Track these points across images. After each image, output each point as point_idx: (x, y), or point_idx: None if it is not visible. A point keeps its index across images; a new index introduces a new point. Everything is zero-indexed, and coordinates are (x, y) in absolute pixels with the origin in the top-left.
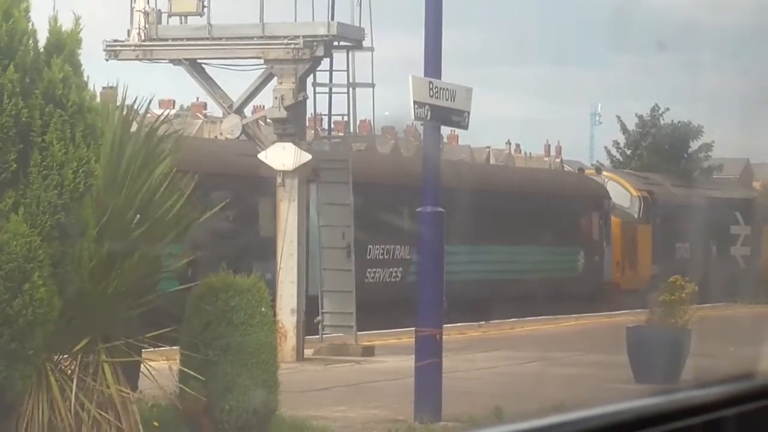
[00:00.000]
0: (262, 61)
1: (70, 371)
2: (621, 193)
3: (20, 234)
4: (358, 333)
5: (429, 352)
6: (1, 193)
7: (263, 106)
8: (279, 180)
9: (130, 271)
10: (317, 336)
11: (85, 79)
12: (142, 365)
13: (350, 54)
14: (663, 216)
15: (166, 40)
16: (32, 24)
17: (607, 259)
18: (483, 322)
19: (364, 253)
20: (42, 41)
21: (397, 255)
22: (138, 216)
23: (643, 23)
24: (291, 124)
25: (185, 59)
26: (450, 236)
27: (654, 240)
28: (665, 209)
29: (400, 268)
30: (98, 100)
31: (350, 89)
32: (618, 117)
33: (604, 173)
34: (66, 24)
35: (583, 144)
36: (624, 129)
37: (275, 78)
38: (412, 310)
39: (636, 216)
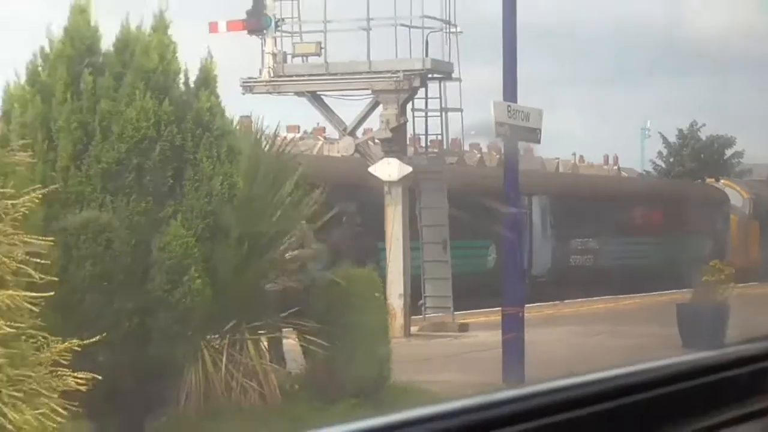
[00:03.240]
0: (370, 91)
1: (220, 348)
2: (735, 196)
3: (179, 236)
4: (455, 312)
5: (513, 327)
6: (162, 203)
7: (372, 129)
8: (386, 188)
9: (266, 266)
10: (421, 316)
11: (224, 108)
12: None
13: (442, 84)
14: (766, 213)
15: (291, 76)
16: (184, 64)
17: (729, 246)
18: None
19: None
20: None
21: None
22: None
23: (681, 50)
24: (395, 142)
25: (307, 92)
26: (613, 232)
27: (761, 231)
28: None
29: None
30: (236, 125)
31: (443, 113)
32: (660, 133)
33: (722, 181)
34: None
35: (635, 154)
36: (666, 142)
37: (381, 105)
38: (494, 292)
39: (747, 213)
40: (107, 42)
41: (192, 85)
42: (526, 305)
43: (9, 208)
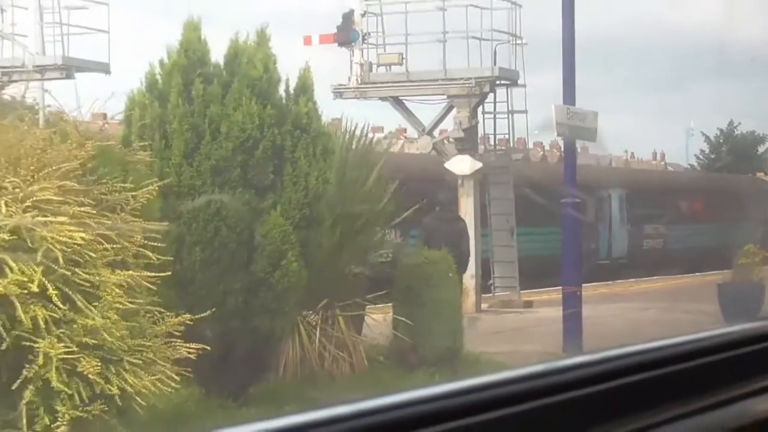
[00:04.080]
0: (445, 96)
1: (314, 323)
2: None
3: (278, 224)
4: (520, 291)
5: (572, 304)
6: (264, 195)
7: (447, 129)
8: (459, 182)
9: (355, 250)
10: (490, 294)
11: (320, 112)
12: (366, 318)
13: (509, 90)
14: None
15: (376, 83)
16: (284, 73)
17: None
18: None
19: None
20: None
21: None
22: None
23: (727, 56)
24: (467, 141)
25: (390, 97)
26: (678, 219)
27: None
28: None
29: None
30: (328, 127)
31: (509, 115)
32: (702, 132)
33: None
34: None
35: (680, 151)
36: (707, 139)
37: (455, 108)
38: (553, 272)
39: None
40: (216, 54)
41: (291, 92)
42: (604, 282)
43: (130, 200)
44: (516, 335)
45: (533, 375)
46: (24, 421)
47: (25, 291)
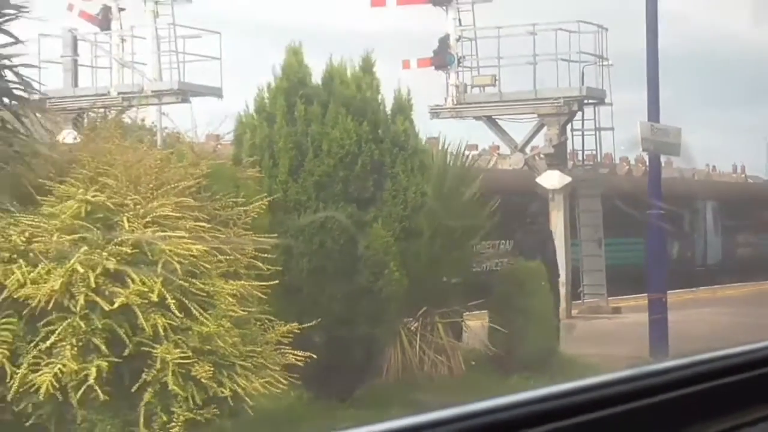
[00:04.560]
0: (536, 115)
1: (415, 329)
2: None
3: (380, 236)
4: (608, 298)
5: (658, 310)
6: (365, 208)
7: (538, 146)
8: (550, 196)
9: (453, 260)
10: (580, 301)
11: (417, 130)
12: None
13: (596, 108)
14: None
15: (471, 104)
16: (382, 94)
17: None
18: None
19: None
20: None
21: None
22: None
23: None
24: (557, 157)
25: (484, 116)
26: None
27: None
28: None
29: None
30: (425, 145)
31: (596, 132)
32: None
33: None
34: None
35: (759, 163)
36: None
37: (545, 126)
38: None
39: None
40: (315, 76)
41: (389, 112)
42: (700, 288)
43: (241, 214)
44: (605, 339)
45: (626, 379)
46: (141, 420)
47: (146, 300)
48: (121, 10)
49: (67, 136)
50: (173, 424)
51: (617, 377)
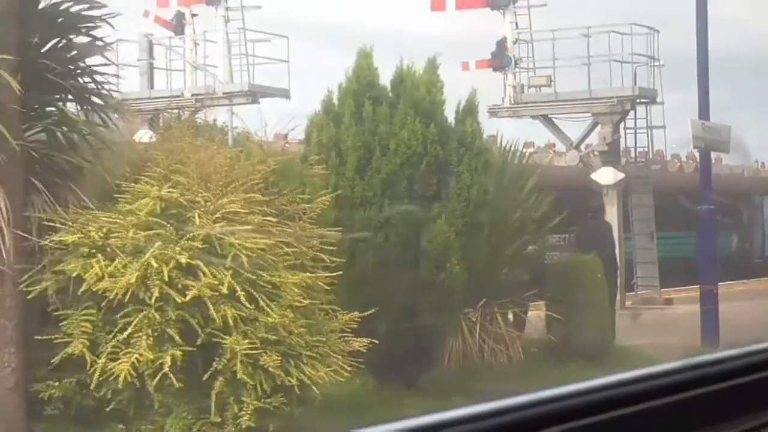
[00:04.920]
0: (590, 114)
1: (475, 320)
2: None
3: (443, 231)
4: (661, 289)
5: (709, 301)
6: (429, 205)
7: (592, 144)
8: (604, 191)
9: (511, 254)
10: (633, 292)
11: (483, 131)
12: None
13: (648, 107)
14: None
15: (528, 103)
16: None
17: None
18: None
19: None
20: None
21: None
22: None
23: None
24: (610, 154)
25: (540, 115)
26: None
27: None
28: None
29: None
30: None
31: (648, 130)
32: None
33: None
34: (464, 94)
35: None
36: None
37: (599, 125)
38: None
39: None
40: (384, 79)
41: (457, 113)
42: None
43: (307, 210)
44: (658, 329)
45: (675, 370)
46: (213, 408)
47: (216, 293)
48: (194, 15)
49: (143, 135)
50: (243, 412)
51: (661, 370)
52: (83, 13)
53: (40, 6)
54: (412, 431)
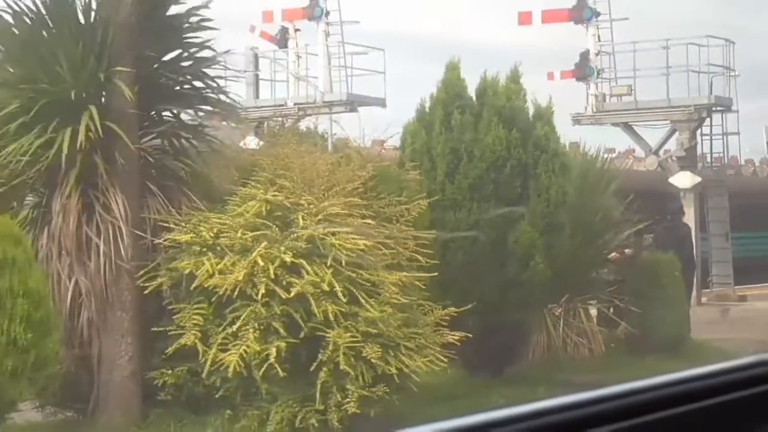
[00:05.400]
0: (668, 121)
1: (558, 315)
2: None
3: (526, 232)
4: (735, 287)
5: None
6: (514, 207)
7: (670, 149)
8: (682, 194)
9: (593, 252)
10: (709, 289)
11: (559, 135)
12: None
13: (723, 115)
14: None
15: (609, 111)
16: (529, 103)
17: None
18: None
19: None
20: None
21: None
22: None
23: None
24: (687, 159)
25: (621, 122)
26: None
27: None
28: None
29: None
30: (567, 148)
31: (724, 137)
32: None
33: None
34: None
35: None
36: None
37: (677, 132)
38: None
39: None
40: (471, 90)
41: (531, 119)
42: None
43: (404, 212)
44: (732, 325)
45: (740, 367)
46: (318, 396)
47: (318, 290)
48: (296, 30)
49: (250, 142)
50: (348, 400)
51: (726, 367)
52: (196, 26)
53: (157, 20)
54: (461, 431)
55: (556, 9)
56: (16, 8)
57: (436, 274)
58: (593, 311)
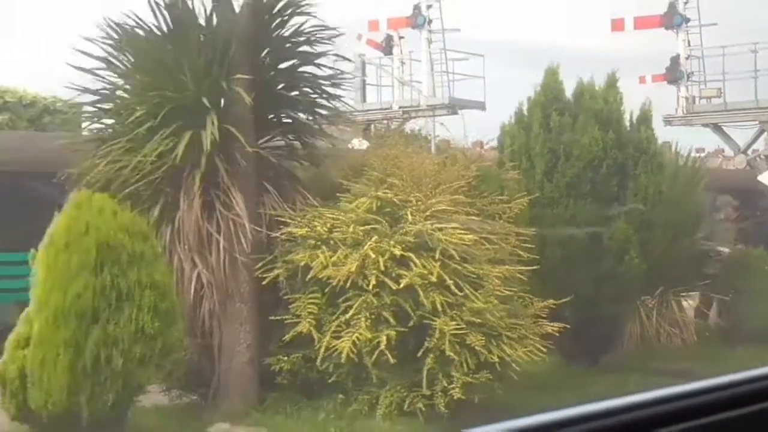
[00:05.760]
0: (757, 122)
1: (652, 306)
2: None
3: (622, 228)
4: None
5: None
6: (609, 204)
7: (758, 149)
8: None
9: (685, 247)
10: None
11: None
12: (692, 302)
13: None
14: None
15: (699, 113)
16: (623, 104)
17: None
18: None
19: None
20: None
21: None
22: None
23: None
24: None
25: (710, 123)
26: None
27: None
28: None
29: None
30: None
31: None
32: None
33: None
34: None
35: None
36: None
37: (765, 132)
38: None
39: None
40: (568, 93)
41: (634, 121)
42: None
43: (506, 210)
44: None
45: None
46: (425, 382)
47: (426, 281)
48: (401, 38)
49: (358, 143)
50: (453, 386)
51: None
52: (310, 37)
53: (272, 32)
54: (529, 430)
55: (647, 15)
56: (146, 25)
57: (536, 267)
58: (685, 303)
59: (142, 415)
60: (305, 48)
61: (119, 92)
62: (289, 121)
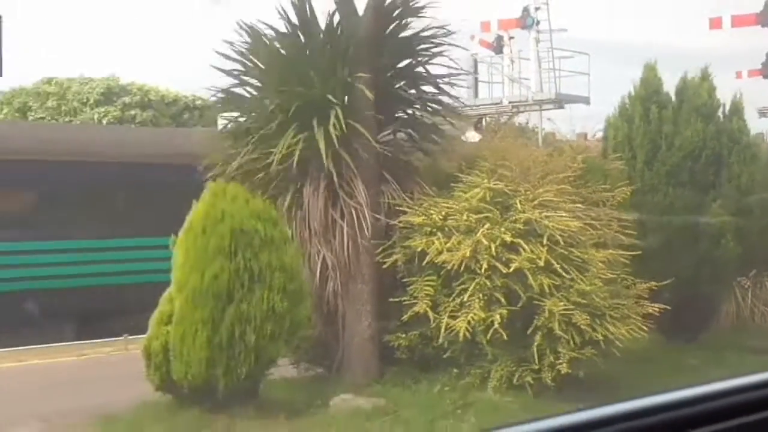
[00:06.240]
0: None
1: (746, 287)
2: None
3: (718, 214)
4: None
5: None
6: (706, 192)
7: None
8: None
9: None
10: None
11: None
12: None
13: None
14: None
15: None
16: (719, 98)
17: None
18: None
19: None
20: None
21: None
22: None
23: None
24: None
25: None
26: None
27: None
28: None
29: None
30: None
31: None
32: None
33: None
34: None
35: None
36: None
37: None
38: None
39: None
40: (666, 87)
41: (727, 113)
42: None
43: (609, 198)
44: None
45: None
46: (535, 357)
47: (534, 265)
48: (510, 38)
49: (471, 137)
50: (560, 361)
51: None
52: (426, 36)
53: (392, 34)
54: (562, 429)
55: (744, 14)
56: (275, 28)
57: (638, 252)
58: None
59: (272, 387)
60: (424, 47)
61: (252, 90)
62: (407, 116)
